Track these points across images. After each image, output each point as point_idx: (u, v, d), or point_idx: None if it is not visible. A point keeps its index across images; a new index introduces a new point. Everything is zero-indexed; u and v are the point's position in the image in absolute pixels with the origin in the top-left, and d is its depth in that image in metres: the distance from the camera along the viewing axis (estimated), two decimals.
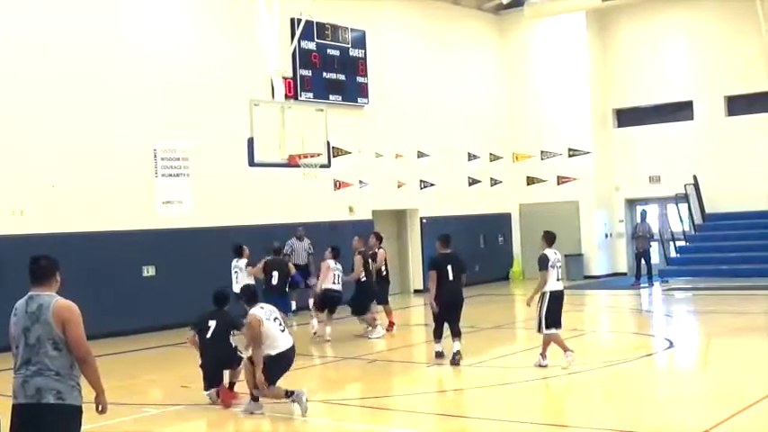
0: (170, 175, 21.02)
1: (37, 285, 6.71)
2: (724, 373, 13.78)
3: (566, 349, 13.64)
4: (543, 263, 13.78)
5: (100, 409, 6.78)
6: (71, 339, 6.53)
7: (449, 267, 15.05)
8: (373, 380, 14.22)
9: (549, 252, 13.94)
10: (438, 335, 15.01)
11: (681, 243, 29.09)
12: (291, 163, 18.68)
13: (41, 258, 6.81)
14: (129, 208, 20.17)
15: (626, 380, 13.20)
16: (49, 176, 18.78)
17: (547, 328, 13.68)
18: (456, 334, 14.73)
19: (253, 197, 22.66)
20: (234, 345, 12.23)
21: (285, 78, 21.77)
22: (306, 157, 18.83)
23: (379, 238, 19.81)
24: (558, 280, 13.93)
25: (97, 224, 19.46)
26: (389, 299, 19.51)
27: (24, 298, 6.71)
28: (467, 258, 28.55)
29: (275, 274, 18.04)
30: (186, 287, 20.52)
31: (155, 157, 20.76)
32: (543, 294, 13.75)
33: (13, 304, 6.80)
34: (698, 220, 29.22)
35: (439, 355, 14.93)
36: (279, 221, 22.91)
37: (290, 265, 18.99)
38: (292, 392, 11.10)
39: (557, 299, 13.86)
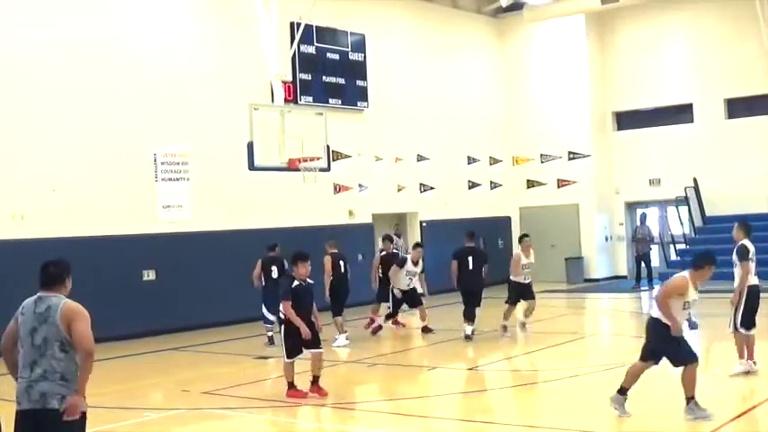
0: (170, 180, 21.01)
1: (47, 288, 6.72)
2: (724, 375, 13.75)
3: (748, 357, 12.77)
4: (743, 254, 12.78)
5: (65, 407, 6.50)
6: (77, 334, 6.50)
7: (470, 258, 18.20)
8: (374, 383, 14.22)
9: (748, 242, 13.05)
10: (467, 316, 17.73)
11: (681, 246, 29.02)
12: (291, 167, 18.70)
13: (51, 263, 6.83)
14: (130, 212, 20.16)
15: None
16: (50, 181, 18.78)
17: (745, 328, 12.65)
18: (469, 317, 17.77)
19: (252, 201, 22.65)
20: None
21: (285, 82, 21.83)
22: (305, 160, 18.86)
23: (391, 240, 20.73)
24: (754, 275, 12.96)
25: (97, 228, 19.44)
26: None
27: (33, 298, 6.72)
28: None
29: (274, 268, 18.02)
30: (186, 291, 20.59)
31: (154, 161, 20.75)
32: (743, 290, 12.74)
33: (13, 309, 6.80)
34: (698, 222, 29.19)
35: (467, 337, 17.42)
36: (278, 225, 22.91)
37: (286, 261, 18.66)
38: None
39: (755, 295, 12.84)
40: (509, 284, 18.62)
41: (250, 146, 17.85)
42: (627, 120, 31.33)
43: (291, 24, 22.99)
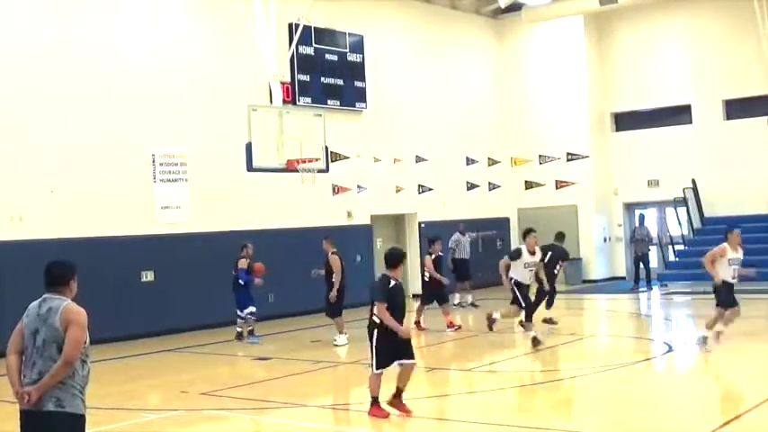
0: (168, 181, 21.00)
1: (51, 290, 6.70)
2: (723, 377, 13.78)
3: None
4: None
5: (26, 398, 6.46)
6: (67, 338, 6.46)
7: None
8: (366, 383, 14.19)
9: None
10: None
11: (680, 247, 29.05)
12: (289, 168, 18.67)
13: (55, 264, 6.81)
14: (128, 213, 20.15)
15: (625, 384, 13.20)
16: (48, 182, 18.77)
17: None
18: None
19: (251, 202, 22.65)
20: None
21: (283, 83, 21.76)
22: (304, 162, 18.82)
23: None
24: None
25: (96, 230, 19.45)
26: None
27: (38, 300, 6.71)
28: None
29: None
30: (185, 292, 20.58)
31: (153, 162, 20.75)
32: None
33: (12, 310, 6.79)
34: (697, 224, 29.20)
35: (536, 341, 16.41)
36: (277, 226, 22.94)
37: (239, 262, 18.69)
38: None
39: None
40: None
41: (248, 147, 17.83)
42: (625, 121, 31.34)
43: (290, 25, 22.98)
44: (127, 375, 15.40)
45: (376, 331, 10.87)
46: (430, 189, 28.47)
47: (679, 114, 30.06)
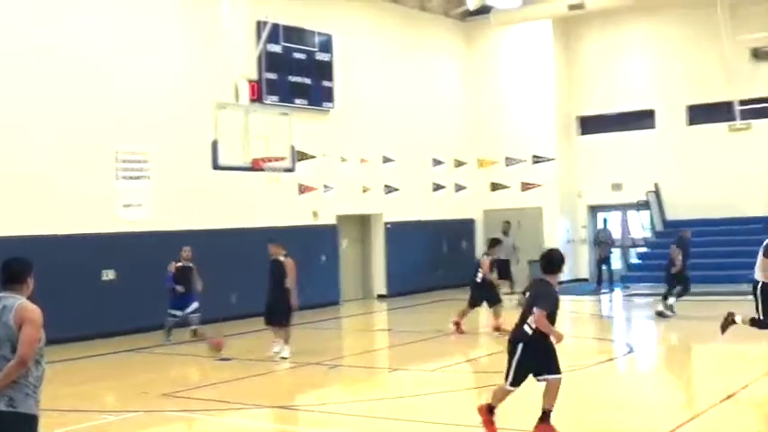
0: (131, 178, 20.77)
1: (7, 288, 6.60)
2: (682, 377, 13.88)
3: None
4: None
5: None
6: (21, 337, 6.35)
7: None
8: (336, 385, 14.18)
9: None
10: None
11: (642, 249, 29.28)
12: (255, 167, 18.62)
13: (12, 261, 6.70)
14: (89, 211, 19.87)
15: (587, 384, 13.26)
16: (7, 179, 18.51)
17: None
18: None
19: (216, 201, 22.47)
20: None
21: (250, 81, 21.72)
22: (270, 160, 18.78)
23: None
24: None
25: (56, 227, 19.14)
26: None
27: None
28: (429, 264, 28.81)
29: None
30: (146, 291, 20.32)
31: (115, 159, 20.51)
32: None
33: None
34: (659, 227, 29.44)
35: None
36: (242, 225, 22.80)
37: (169, 266, 18.45)
38: None
39: None
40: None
41: (214, 145, 17.75)
42: (591, 125, 31.49)
43: (258, 23, 22.86)
44: (85, 376, 15.26)
45: (522, 344, 9.72)
46: (396, 189, 28.45)
47: (643, 119, 30.28)
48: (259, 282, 16.91)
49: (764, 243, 12.73)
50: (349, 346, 18.53)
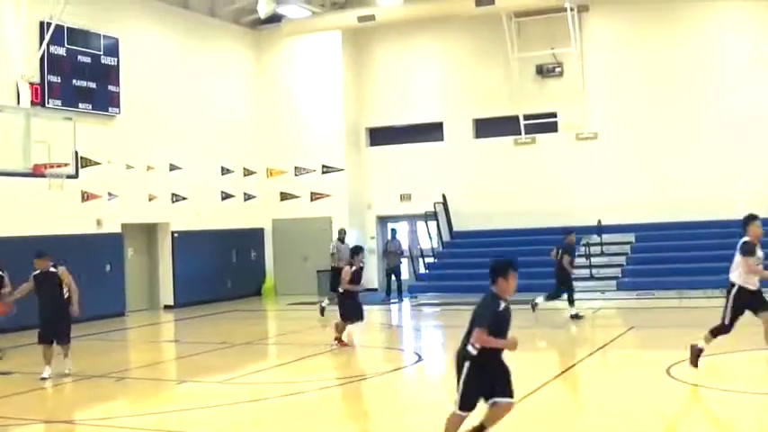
0: None
1: None
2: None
3: None
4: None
5: None
6: None
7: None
8: (118, 398, 13.77)
9: None
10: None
11: (430, 259, 29.90)
12: (36, 173, 17.94)
13: None
14: None
15: (377, 393, 13.37)
16: None
17: None
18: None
19: None
20: None
21: (32, 84, 20.92)
22: (52, 167, 18.14)
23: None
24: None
25: None
26: None
27: None
28: (218, 274, 28.53)
29: None
30: None
31: None
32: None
33: None
34: (446, 237, 30.16)
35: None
36: (21, 234, 21.83)
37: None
38: None
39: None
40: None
41: None
42: (380, 136, 31.96)
43: (41, 24, 22.04)
44: None
45: (468, 363, 8.66)
46: (184, 198, 27.98)
47: (432, 131, 30.99)
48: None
49: (740, 242, 12.89)
50: (135, 359, 18.04)
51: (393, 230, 29.25)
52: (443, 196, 30.00)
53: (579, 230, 27.56)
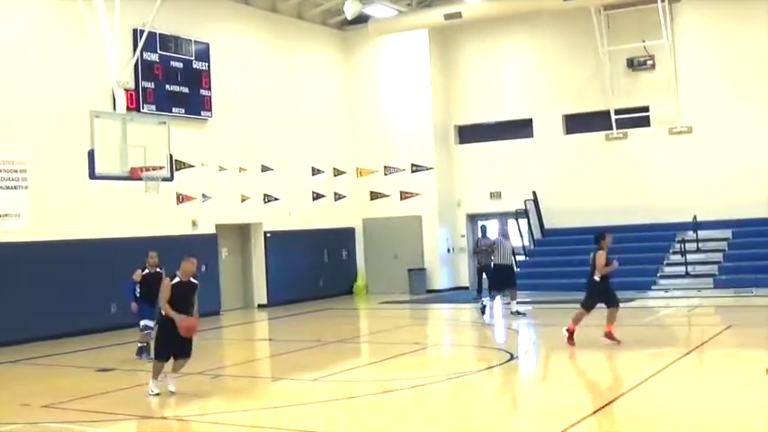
0: (7, 188, 20.29)
1: None
2: (561, 386, 14.14)
3: None
4: None
5: None
6: None
7: None
8: (214, 395, 14.04)
9: None
10: None
11: (521, 258, 29.75)
12: (133, 176, 18.35)
13: None
14: None
15: (468, 392, 13.42)
16: None
17: None
18: None
19: (93, 210, 22.10)
20: None
21: (127, 90, 21.37)
22: (148, 170, 18.52)
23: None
24: None
25: None
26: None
27: None
28: (310, 273, 28.76)
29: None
30: (26, 302, 19.91)
31: None
32: None
33: None
34: (537, 234, 30.01)
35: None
36: (120, 235, 22.44)
37: (134, 274, 17.07)
38: None
39: None
40: None
41: (91, 154, 17.42)
42: (469, 134, 31.94)
43: (135, 31, 22.59)
44: None
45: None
46: (276, 199, 28.37)
47: (521, 128, 30.85)
48: None
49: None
50: (230, 356, 18.37)
51: (483, 228, 29.14)
52: (534, 193, 29.86)
53: (674, 227, 27.33)
